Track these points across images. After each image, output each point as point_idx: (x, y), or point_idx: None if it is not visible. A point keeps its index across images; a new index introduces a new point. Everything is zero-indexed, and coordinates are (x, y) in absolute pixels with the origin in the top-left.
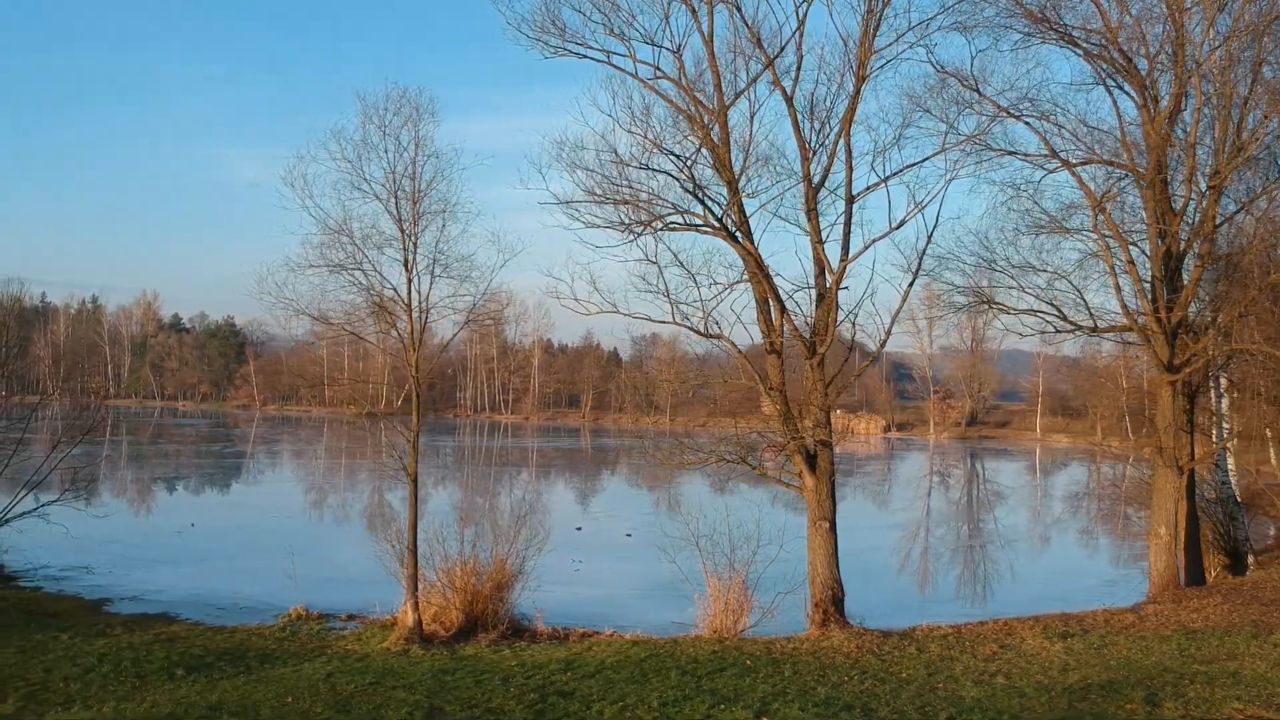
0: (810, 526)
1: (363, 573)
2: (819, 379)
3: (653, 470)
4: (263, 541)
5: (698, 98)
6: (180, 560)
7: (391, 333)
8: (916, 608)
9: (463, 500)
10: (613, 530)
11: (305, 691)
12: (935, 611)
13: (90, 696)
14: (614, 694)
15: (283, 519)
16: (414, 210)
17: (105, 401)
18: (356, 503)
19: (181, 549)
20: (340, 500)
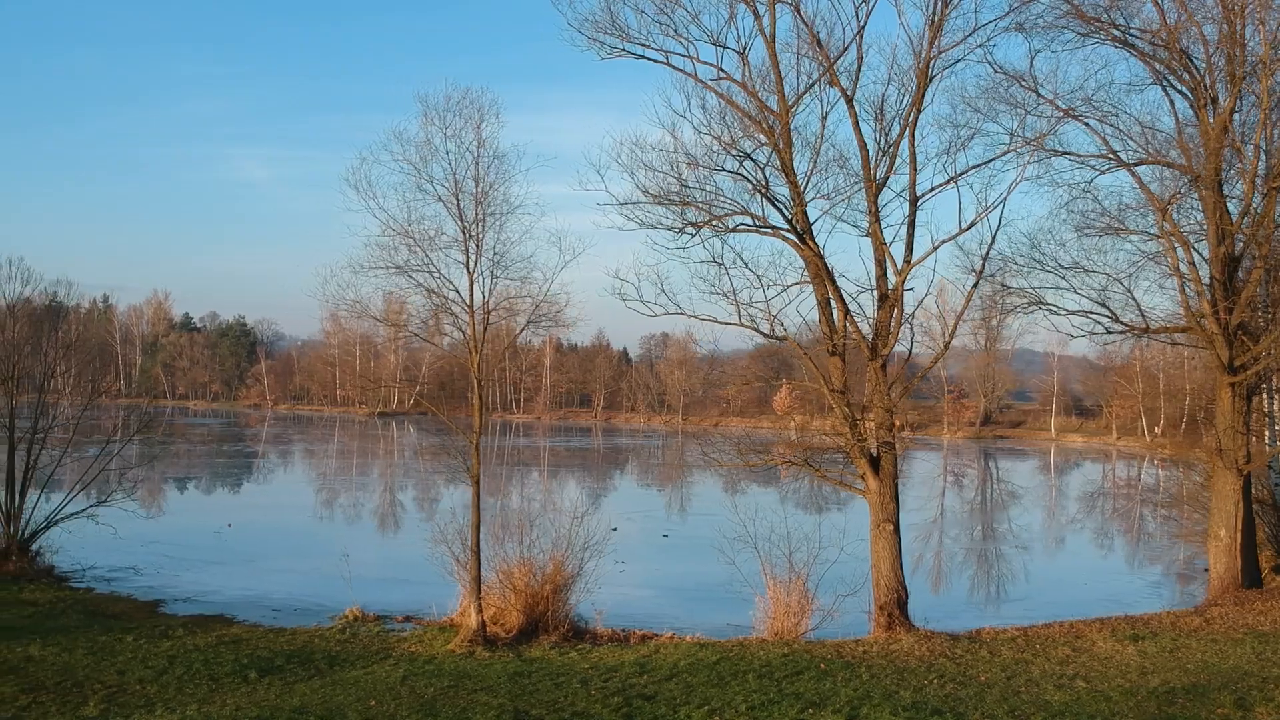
0: (873, 529)
1: (409, 573)
2: (882, 380)
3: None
4: (304, 543)
5: (761, 99)
6: (225, 561)
7: (454, 334)
8: (970, 609)
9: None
10: (648, 530)
11: (385, 695)
12: (989, 613)
13: (169, 699)
14: (696, 697)
15: (317, 519)
16: (476, 211)
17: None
18: (389, 503)
19: (224, 550)
20: (372, 500)
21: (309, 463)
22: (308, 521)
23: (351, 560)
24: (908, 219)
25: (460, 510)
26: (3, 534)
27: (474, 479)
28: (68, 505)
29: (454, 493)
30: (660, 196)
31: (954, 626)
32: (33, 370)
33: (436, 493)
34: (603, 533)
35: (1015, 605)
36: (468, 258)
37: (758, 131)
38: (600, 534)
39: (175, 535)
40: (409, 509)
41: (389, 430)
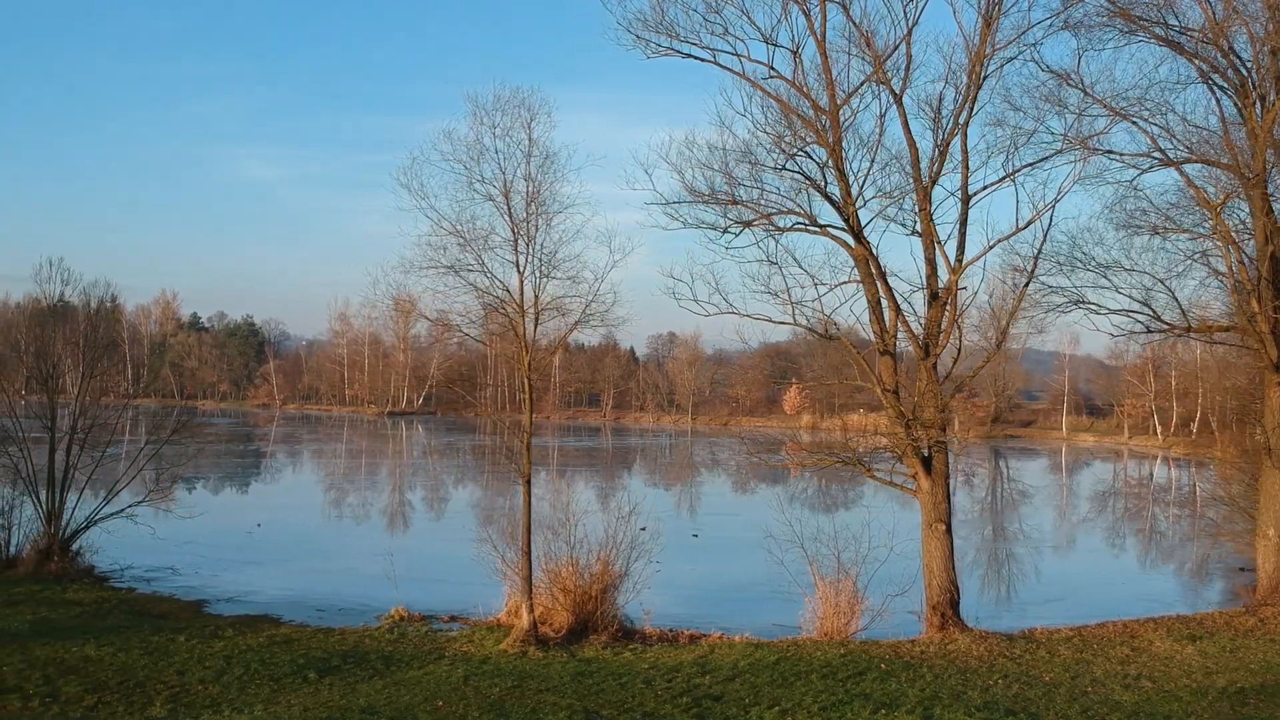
0: (925, 529)
1: (445, 572)
2: (933, 380)
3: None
4: (335, 543)
5: (813, 97)
6: (261, 561)
7: (506, 333)
8: (1012, 609)
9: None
10: (676, 530)
11: (451, 695)
12: (1032, 613)
13: (234, 699)
14: (764, 698)
15: (345, 519)
16: (527, 211)
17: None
18: (414, 502)
19: (257, 549)
20: (396, 499)
21: (327, 462)
22: (335, 521)
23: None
24: (959, 218)
25: (495, 510)
26: (44, 534)
27: (524, 479)
28: (108, 505)
29: (473, 493)
30: (707, 195)
31: (999, 626)
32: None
33: (459, 492)
34: (648, 533)
35: (1057, 606)
36: (518, 257)
37: (807, 129)
38: (645, 535)
39: (207, 535)
40: (435, 508)
41: (399, 430)
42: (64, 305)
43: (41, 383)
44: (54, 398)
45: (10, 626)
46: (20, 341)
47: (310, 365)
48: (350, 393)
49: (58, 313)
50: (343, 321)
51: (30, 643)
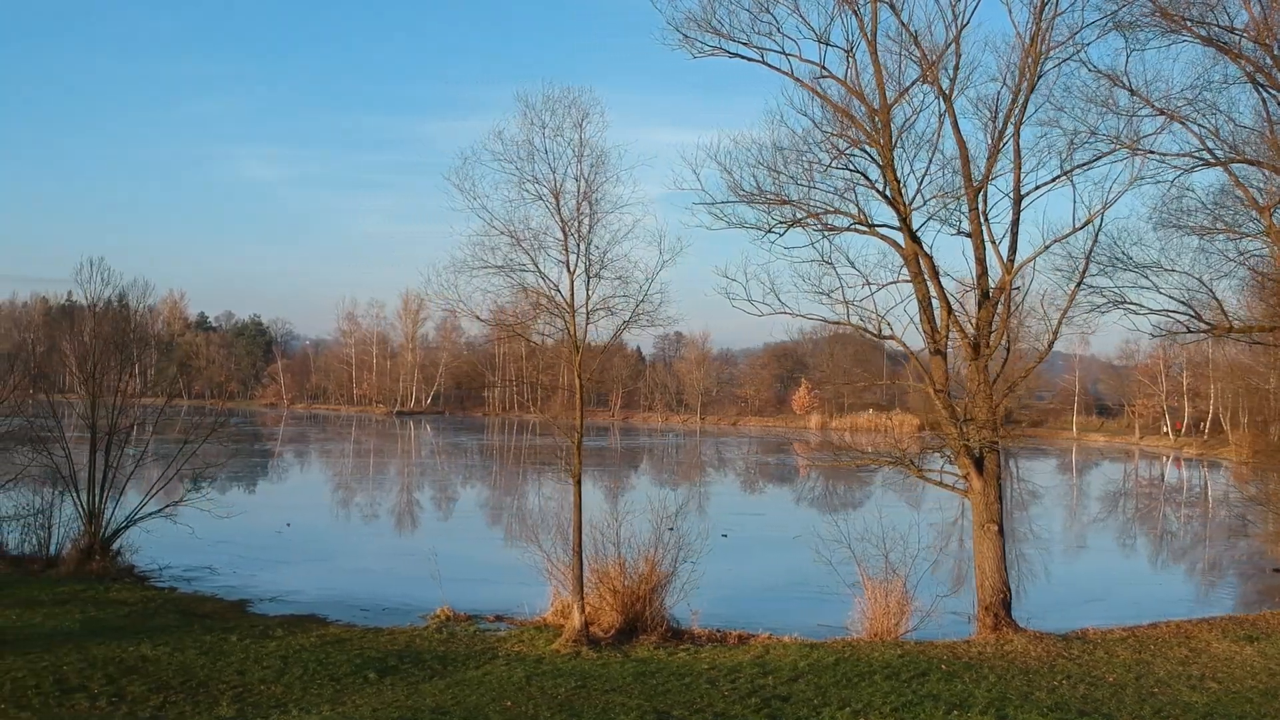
0: (977, 529)
1: (481, 571)
2: (984, 380)
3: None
4: (367, 542)
5: (865, 98)
6: (296, 560)
7: (556, 334)
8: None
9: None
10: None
11: (518, 695)
12: (1077, 613)
13: (298, 699)
14: (833, 698)
15: (371, 518)
16: (578, 211)
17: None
18: (440, 501)
19: (290, 549)
20: (421, 498)
21: (345, 462)
22: (363, 521)
23: (423, 559)
24: (1011, 218)
25: (525, 510)
26: (85, 533)
27: (575, 479)
28: (147, 504)
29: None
30: (756, 195)
31: (1045, 626)
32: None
33: (484, 492)
34: (676, 533)
35: (1099, 606)
36: (568, 256)
37: (857, 129)
38: (673, 534)
39: (239, 535)
40: (463, 508)
41: (410, 429)
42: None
43: (83, 383)
44: (95, 398)
45: (63, 626)
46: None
47: (318, 365)
48: (358, 392)
49: (96, 312)
50: (350, 321)
51: (86, 642)
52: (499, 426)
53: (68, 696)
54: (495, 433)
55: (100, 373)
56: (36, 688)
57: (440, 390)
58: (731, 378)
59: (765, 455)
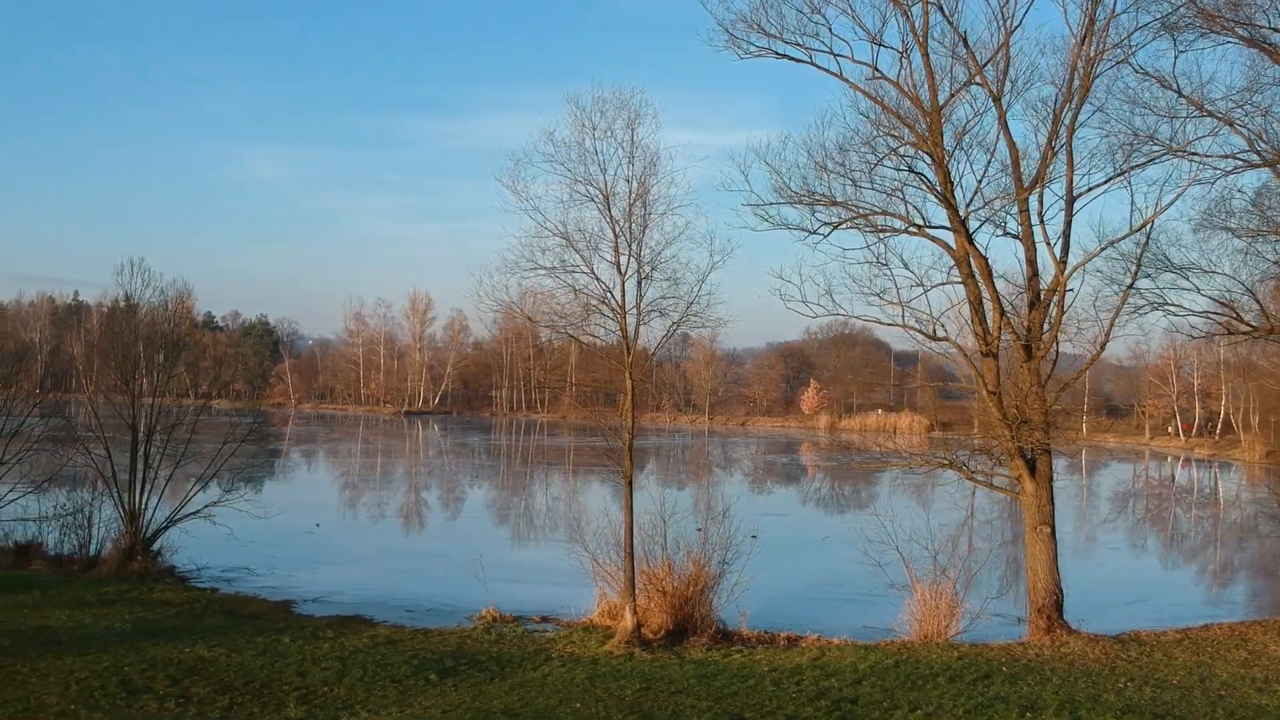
0: (1030, 532)
1: (520, 572)
2: (1036, 382)
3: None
4: (398, 542)
5: (917, 99)
6: (333, 561)
7: (608, 336)
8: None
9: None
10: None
11: (585, 697)
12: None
13: (363, 700)
14: (900, 700)
15: (398, 518)
16: (629, 212)
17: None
18: (465, 500)
19: (323, 549)
20: (445, 498)
21: (363, 461)
22: (389, 521)
23: (456, 559)
24: (1064, 220)
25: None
26: (126, 533)
27: (626, 480)
28: (188, 504)
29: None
30: (805, 196)
31: (1092, 628)
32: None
33: (507, 491)
34: (682, 532)
35: (1143, 608)
36: (618, 257)
37: (908, 130)
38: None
39: (270, 535)
40: (491, 508)
41: (419, 429)
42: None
43: (123, 383)
44: (136, 398)
45: (114, 626)
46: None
47: (325, 364)
48: (366, 392)
49: (136, 312)
50: (358, 320)
51: (140, 642)
52: (507, 426)
53: (135, 697)
54: (507, 433)
55: (141, 374)
56: (102, 688)
57: (448, 390)
58: (738, 378)
59: (780, 456)
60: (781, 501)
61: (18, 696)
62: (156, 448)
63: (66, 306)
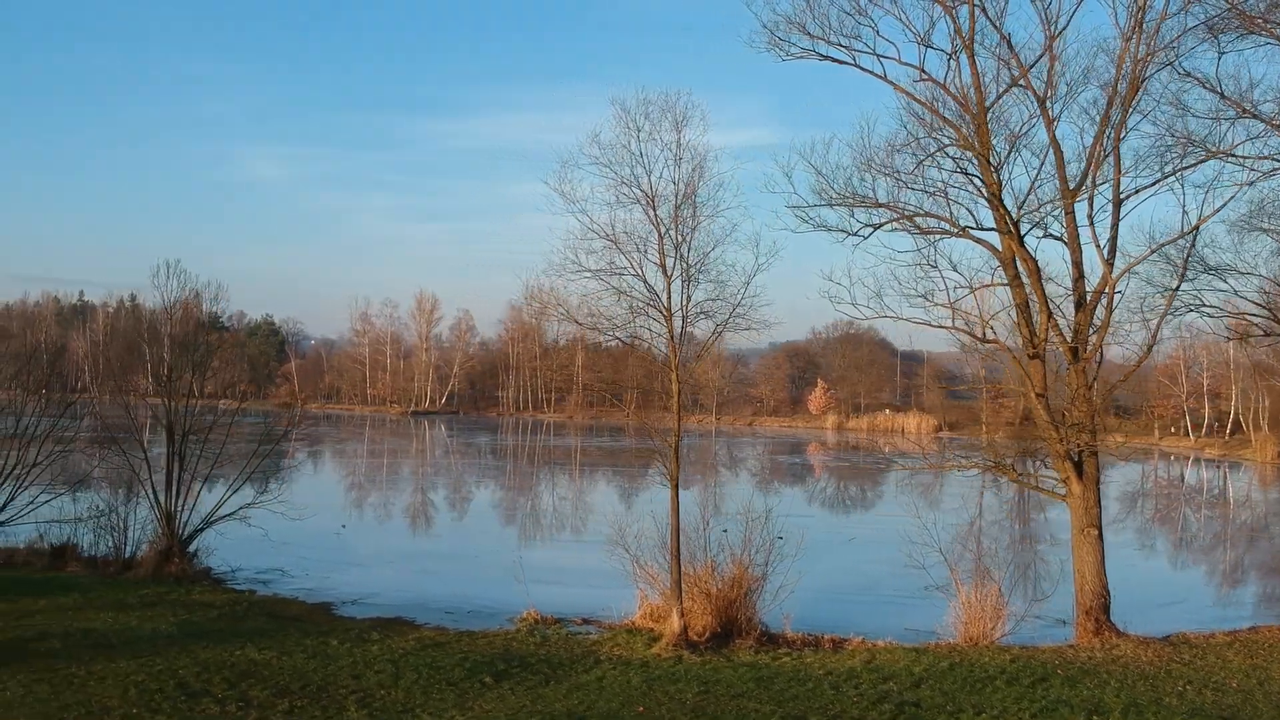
0: (1077, 534)
1: (550, 573)
2: (1083, 384)
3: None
4: (427, 543)
5: (962, 101)
6: (364, 563)
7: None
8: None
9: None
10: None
11: (646, 700)
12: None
13: (422, 704)
14: (964, 704)
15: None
16: (676, 215)
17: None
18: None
19: (353, 551)
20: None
21: (377, 462)
22: (414, 522)
23: (486, 561)
24: (1110, 222)
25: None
26: (162, 535)
27: (672, 482)
28: (223, 506)
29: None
30: (849, 198)
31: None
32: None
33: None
34: (728, 535)
35: (1181, 609)
36: (663, 259)
37: (953, 132)
38: (726, 535)
39: (299, 536)
40: (517, 508)
41: (429, 429)
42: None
43: (160, 385)
44: (171, 400)
45: (160, 629)
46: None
47: (331, 364)
48: (372, 392)
49: (174, 314)
50: (364, 320)
51: (190, 645)
52: (516, 427)
53: (194, 701)
54: (517, 433)
55: (176, 375)
56: (160, 691)
57: (455, 390)
58: (744, 378)
59: (796, 457)
60: (799, 502)
61: (79, 700)
62: (192, 449)
63: (72, 306)
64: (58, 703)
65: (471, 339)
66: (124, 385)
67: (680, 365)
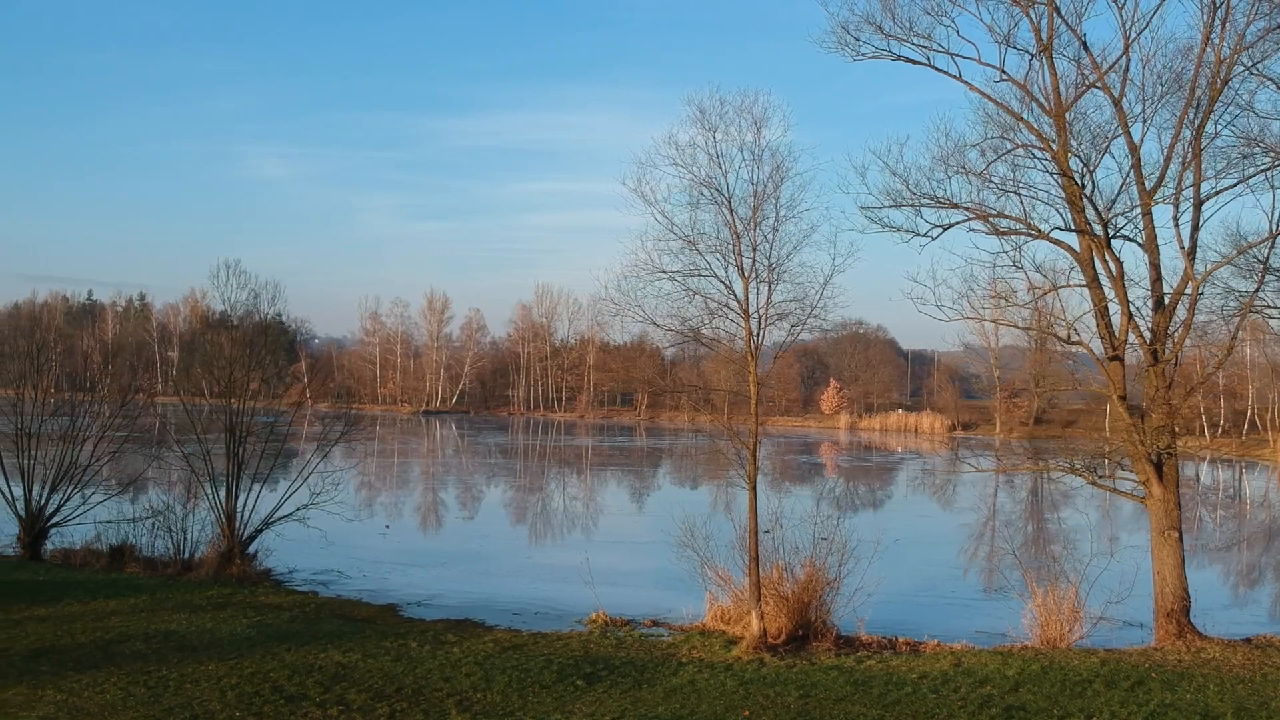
0: (1157, 536)
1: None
2: (1162, 386)
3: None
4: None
5: (1042, 101)
6: (418, 564)
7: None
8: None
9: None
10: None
11: (748, 704)
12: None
13: (522, 707)
14: (1071, 709)
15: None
16: (754, 216)
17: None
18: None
19: (403, 551)
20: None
21: (399, 461)
22: (455, 521)
23: (541, 561)
24: (1191, 224)
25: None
26: (223, 536)
27: (750, 484)
28: (282, 506)
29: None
30: (925, 198)
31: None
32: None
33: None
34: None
35: (1243, 611)
36: (740, 260)
37: (1031, 133)
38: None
39: (346, 537)
40: (558, 508)
41: (444, 429)
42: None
43: (221, 387)
44: (232, 401)
45: (237, 631)
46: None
47: (341, 364)
48: (383, 391)
49: (234, 316)
50: (374, 320)
51: (273, 647)
52: (527, 426)
53: (293, 704)
54: (529, 432)
55: (236, 376)
56: (257, 694)
57: (465, 389)
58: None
59: (813, 456)
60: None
61: (180, 703)
62: (253, 450)
63: (80, 306)
64: (160, 706)
65: (482, 338)
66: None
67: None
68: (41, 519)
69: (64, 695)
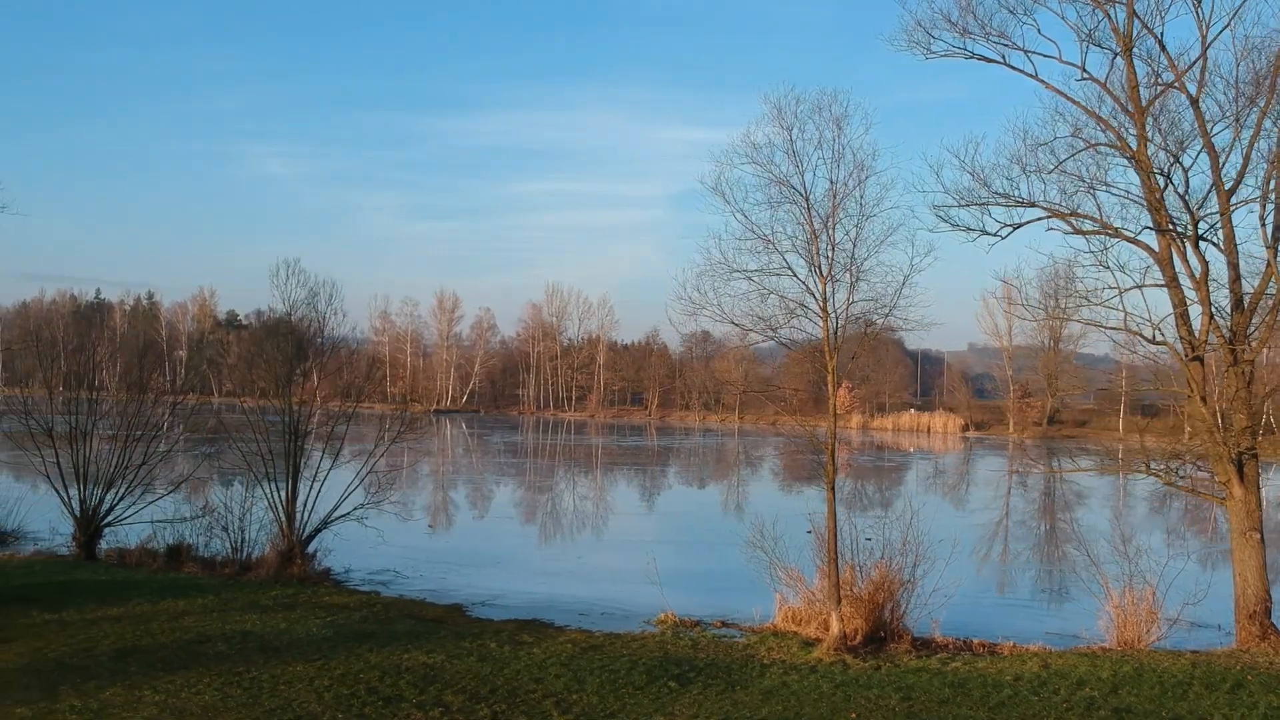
0: (1238, 537)
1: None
2: (1243, 386)
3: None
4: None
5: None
6: (472, 564)
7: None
8: None
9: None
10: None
11: (851, 706)
12: None
13: (621, 709)
14: (1179, 711)
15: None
16: (832, 216)
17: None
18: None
19: (453, 551)
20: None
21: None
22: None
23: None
24: (1274, 223)
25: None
26: (283, 535)
27: (829, 485)
28: (340, 506)
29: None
30: (995, 197)
31: None
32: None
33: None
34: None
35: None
36: (817, 259)
37: (1110, 133)
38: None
39: (393, 536)
40: (597, 507)
41: (457, 428)
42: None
43: (279, 388)
44: (291, 401)
45: (314, 631)
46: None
47: (349, 363)
48: (393, 390)
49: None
50: (384, 319)
51: (356, 648)
52: (539, 425)
53: (392, 706)
54: (540, 431)
55: (290, 377)
56: (353, 695)
57: (475, 388)
58: (765, 377)
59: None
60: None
61: (279, 704)
62: (314, 449)
63: (88, 305)
64: (260, 708)
65: (492, 338)
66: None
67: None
68: (96, 518)
69: (162, 697)
